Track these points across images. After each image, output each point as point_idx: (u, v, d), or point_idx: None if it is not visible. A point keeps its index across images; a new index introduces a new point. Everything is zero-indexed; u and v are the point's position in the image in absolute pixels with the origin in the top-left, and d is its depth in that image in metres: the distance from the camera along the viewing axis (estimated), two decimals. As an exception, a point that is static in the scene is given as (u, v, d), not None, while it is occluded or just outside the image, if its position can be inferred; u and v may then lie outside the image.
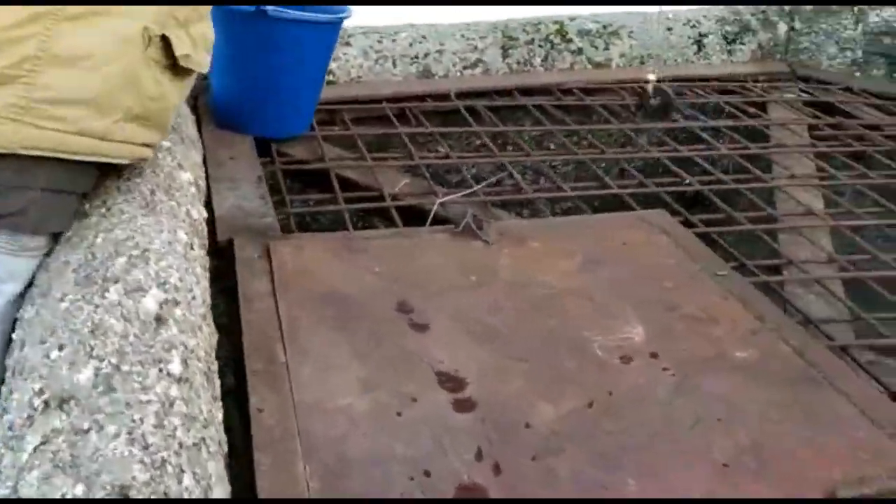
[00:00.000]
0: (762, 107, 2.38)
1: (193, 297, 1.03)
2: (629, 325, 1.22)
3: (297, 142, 1.85)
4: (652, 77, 2.31)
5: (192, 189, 1.33)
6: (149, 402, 0.83)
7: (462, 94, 2.20)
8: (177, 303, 0.98)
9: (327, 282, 1.25)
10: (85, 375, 0.83)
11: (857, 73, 2.70)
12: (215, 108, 1.79)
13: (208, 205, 1.44)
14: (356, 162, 1.81)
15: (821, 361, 1.17)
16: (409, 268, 1.32)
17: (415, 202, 1.67)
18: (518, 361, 1.13)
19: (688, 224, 1.64)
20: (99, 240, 1.04)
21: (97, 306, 0.93)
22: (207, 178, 1.53)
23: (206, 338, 1.02)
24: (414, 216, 1.64)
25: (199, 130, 1.67)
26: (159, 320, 0.94)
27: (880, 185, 1.92)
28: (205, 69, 1.10)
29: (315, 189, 1.79)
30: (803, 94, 2.49)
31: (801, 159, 2.05)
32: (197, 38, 1.08)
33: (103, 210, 1.12)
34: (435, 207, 1.60)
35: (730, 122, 2.21)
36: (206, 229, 1.30)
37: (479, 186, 1.70)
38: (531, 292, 1.28)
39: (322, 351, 1.09)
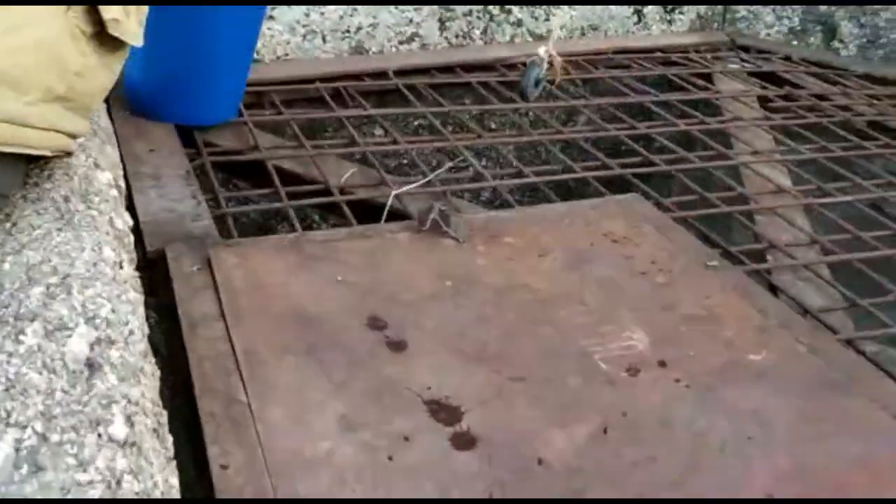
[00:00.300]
0: (709, 78, 2.29)
1: (131, 332, 0.84)
2: (629, 330, 1.09)
3: (225, 129, 1.64)
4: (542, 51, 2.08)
5: (113, 192, 1.12)
6: (90, 482, 0.64)
7: (401, 72, 2.03)
8: (111, 342, 0.79)
9: (284, 297, 1.07)
10: (2, 453, 0.64)
11: (795, 42, 2.65)
12: (128, 92, 1.57)
13: (130, 209, 1.24)
14: (294, 151, 1.62)
15: (838, 361, 1.07)
16: (376, 275, 1.15)
17: (366, 195, 1.49)
18: (515, 382, 0.98)
19: (660, 207, 1.52)
20: (6, 265, 0.84)
21: (10, 355, 0.73)
22: (126, 175, 1.32)
23: (150, 381, 0.83)
24: (366, 211, 1.47)
25: (111, 119, 1.45)
26: (92, 367, 0.75)
27: (841, 158, 1.85)
28: (137, 42, 0.89)
29: (250, 183, 1.59)
30: (746, 65, 2.42)
31: (758, 133, 1.96)
32: (129, 4, 0.87)
33: (7, 225, 0.91)
34: (390, 200, 1.43)
35: (681, 96, 2.11)
36: (132, 240, 1.10)
37: (435, 174, 1.54)
38: (516, 298, 1.14)
39: (290, 385, 0.92)
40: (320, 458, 0.83)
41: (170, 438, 0.81)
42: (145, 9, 0.91)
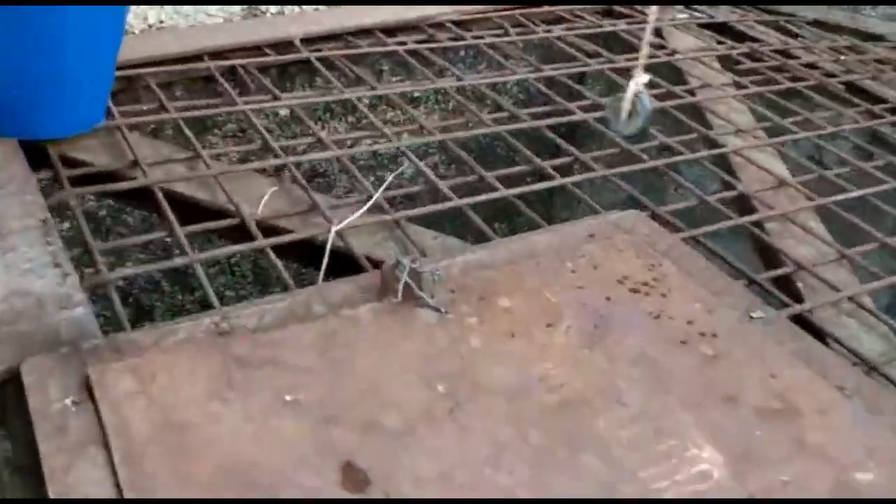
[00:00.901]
0: (658, 33, 2.00)
1: None
2: (693, 444, 0.81)
3: (90, 138, 1.23)
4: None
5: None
6: None
7: (310, 40, 1.63)
8: None
9: (211, 446, 0.72)
10: None
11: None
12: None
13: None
14: (189, 166, 1.23)
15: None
16: (339, 383, 0.81)
17: (293, 227, 1.13)
18: (569, 561, 0.68)
19: (655, 218, 1.24)
20: None
21: None
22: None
23: None
24: (299, 251, 1.11)
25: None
26: None
27: (835, 137, 1.62)
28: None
29: (135, 218, 1.19)
30: (696, 14, 2.15)
31: (733, 105, 1.70)
32: None
33: None
34: (330, 239, 1.08)
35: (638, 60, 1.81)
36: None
37: (379, 192, 1.19)
38: (536, 404, 0.83)
39: None
40: None
41: None
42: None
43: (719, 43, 2.00)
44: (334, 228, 1.09)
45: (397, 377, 0.83)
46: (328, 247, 1.07)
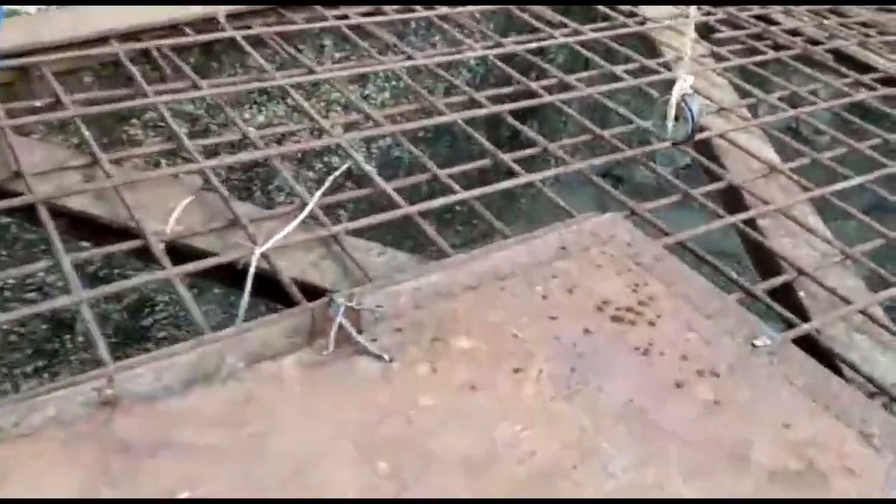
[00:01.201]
0: (628, -1, 1.83)
1: None
2: (700, 524, 0.65)
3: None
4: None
5: None
6: None
7: (236, 16, 1.43)
8: None
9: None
10: None
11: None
12: None
13: None
14: (85, 174, 1.03)
15: None
16: (255, 473, 0.64)
17: (216, 255, 0.95)
18: None
19: (633, 214, 1.09)
20: None
21: None
22: None
23: None
24: (221, 274, 0.94)
25: None
26: None
27: (822, 115, 1.47)
28: None
29: (15, 243, 1.00)
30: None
31: (712, 79, 1.54)
32: None
33: None
34: (254, 263, 0.90)
35: (609, 32, 1.64)
36: None
37: (314, 200, 1.01)
38: (501, 477, 0.67)
39: None
40: None
41: None
42: None
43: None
44: (258, 250, 0.91)
45: (329, 455, 0.66)
46: (250, 274, 0.89)
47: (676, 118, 1.07)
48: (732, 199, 1.21)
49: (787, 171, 1.26)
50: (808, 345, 0.94)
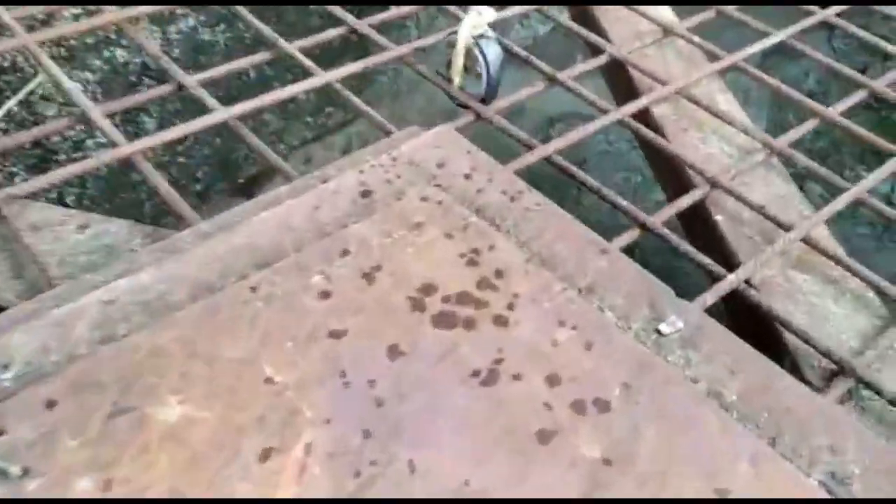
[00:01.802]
0: None
1: None
2: None
3: None
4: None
5: None
6: None
7: None
8: None
9: None
10: None
11: None
12: None
13: None
14: None
15: None
16: None
17: None
18: None
19: (478, 120, 0.76)
20: None
21: None
22: None
23: None
24: None
25: None
26: None
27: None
28: None
29: None
30: None
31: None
32: None
33: None
34: None
35: None
36: None
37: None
38: None
39: None
40: None
41: None
42: None
43: None
44: None
45: None
46: None
47: (467, 69, 0.73)
48: (617, 78, 0.88)
49: (686, 32, 0.93)
50: (737, 304, 0.65)
